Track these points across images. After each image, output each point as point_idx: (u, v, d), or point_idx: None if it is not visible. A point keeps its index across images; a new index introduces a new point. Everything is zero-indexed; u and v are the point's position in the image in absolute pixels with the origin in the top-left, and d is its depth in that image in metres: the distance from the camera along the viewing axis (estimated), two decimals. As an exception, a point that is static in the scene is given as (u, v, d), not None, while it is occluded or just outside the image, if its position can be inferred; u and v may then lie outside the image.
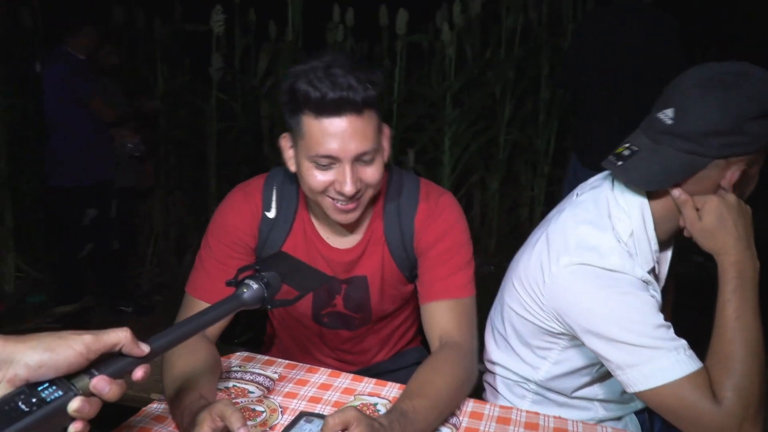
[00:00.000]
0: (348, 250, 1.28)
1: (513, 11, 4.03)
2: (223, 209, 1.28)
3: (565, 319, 1.11)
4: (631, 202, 1.12)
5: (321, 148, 1.08)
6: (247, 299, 0.88)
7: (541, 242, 1.17)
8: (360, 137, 1.08)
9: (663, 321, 1.04)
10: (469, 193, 4.40)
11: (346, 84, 1.05)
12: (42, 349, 0.67)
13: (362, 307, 1.33)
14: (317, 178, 1.12)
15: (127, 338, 0.72)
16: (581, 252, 1.08)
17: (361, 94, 1.06)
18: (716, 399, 0.97)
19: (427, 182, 1.32)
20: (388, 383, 1.18)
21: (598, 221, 1.12)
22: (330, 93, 1.04)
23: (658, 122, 1.07)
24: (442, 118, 3.98)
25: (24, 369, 0.65)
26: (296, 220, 1.27)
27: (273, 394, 1.12)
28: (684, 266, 4.11)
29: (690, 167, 1.05)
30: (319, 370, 1.21)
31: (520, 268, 1.21)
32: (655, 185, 1.08)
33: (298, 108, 1.09)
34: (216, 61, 3.66)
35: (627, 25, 2.77)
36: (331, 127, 1.07)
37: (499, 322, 1.30)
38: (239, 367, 1.22)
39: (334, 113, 1.06)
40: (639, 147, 1.09)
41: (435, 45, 4.12)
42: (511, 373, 1.29)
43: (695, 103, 1.03)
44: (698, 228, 1.06)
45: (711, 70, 1.06)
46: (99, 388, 0.69)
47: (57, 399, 0.66)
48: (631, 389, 1.03)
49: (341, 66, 1.06)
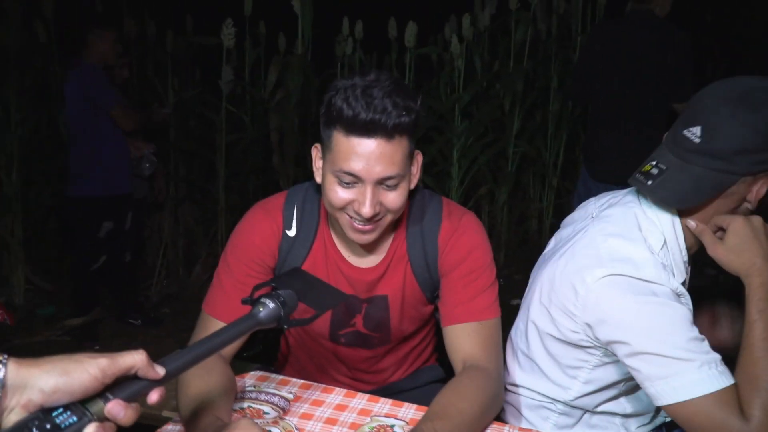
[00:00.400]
0: (370, 269, 1.27)
1: (522, 24, 4.04)
2: (242, 227, 1.27)
3: (598, 331, 1.10)
4: (661, 215, 1.13)
5: (346, 165, 1.08)
6: (264, 318, 0.87)
7: (566, 257, 1.17)
8: (386, 162, 1.07)
9: (697, 334, 1.03)
10: (478, 206, 4.39)
11: (381, 107, 1.04)
12: (57, 373, 0.65)
13: (382, 326, 1.32)
14: (338, 195, 1.12)
15: (143, 361, 0.71)
16: (615, 263, 1.08)
17: (394, 120, 1.05)
18: (744, 417, 0.96)
19: (449, 201, 1.32)
20: (404, 404, 1.17)
21: (628, 234, 1.12)
22: (363, 114, 1.04)
23: (685, 140, 1.08)
24: (451, 130, 3.99)
25: (38, 394, 0.64)
26: (317, 239, 1.26)
27: (288, 415, 1.12)
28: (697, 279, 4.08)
29: (720, 184, 1.06)
30: (335, 390, 1.21)
31: (546, 286, 1.20)
32: (686, 203, 1.09)
33: (331, 122, 1.09)
34: (226, 73, 3.68)
35: (638, 38, 2.77)
36: (359, 148, 1.07)
37: (524, 344, 1.29)
38: (254, 387, 1.21)
39: (364, 134, 1.06)
40: (667, 165, 1.10)
41: (444, 57, 4.13)
42: (536, 395, 1.28)
43: (724, 121, 1.03)
44: (722, 250, 1.07)
45: (737, 86, 1.06)
46: (114, 413, 0.67)
47: (72, 425, 0.64)
48: (659, 402, 1.03)
49: (381, 87, 1.06)
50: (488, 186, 4.27)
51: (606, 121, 2.91)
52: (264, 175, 4.09)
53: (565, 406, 1.25)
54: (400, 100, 1.06)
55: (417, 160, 1.19)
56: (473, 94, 3.99)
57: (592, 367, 1.19)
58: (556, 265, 1.19)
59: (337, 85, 1.10)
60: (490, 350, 1.19)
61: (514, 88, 4.09)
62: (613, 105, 2.85)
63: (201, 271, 3.96)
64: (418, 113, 1.09)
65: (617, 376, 1.19)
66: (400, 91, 1.07)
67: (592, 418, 1.26)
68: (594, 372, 1.19)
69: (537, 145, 4.31)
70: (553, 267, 1.19)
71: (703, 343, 1.03)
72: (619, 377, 1.19)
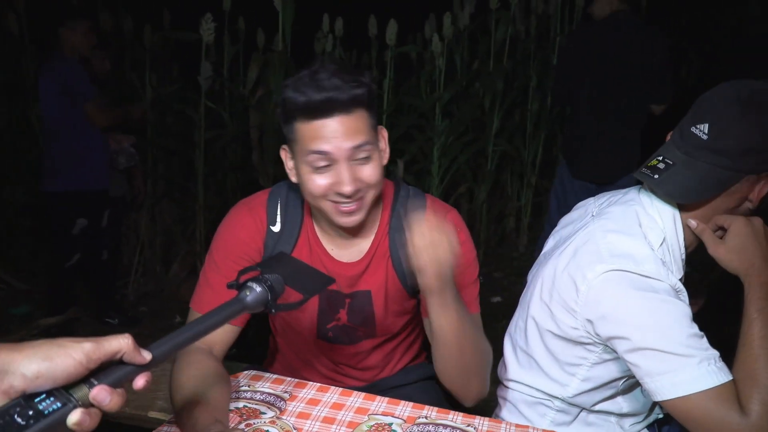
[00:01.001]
0: (352, 264, 1.28)
1: (502, 23, 4.07)
2: (227, 225, 1.27)
3: (598, 327, 1.12)
4: (663, 211, 1.16)
5: (314, 145, 1.09)
6: (250, 303, 0.86)
7: (567, 254, 1.19)
8: (352, 134, 1.09)
9: (696, 330, 1.06)
10: (457, 204, 4.41)
11: (331, 85, 1.07)
12: (39, 358, 0.63)
13: (366, 321, 1.33)
14: (316, 182, 1.13)
15: (129, 345, 0.69)
16: (616, 259, 1.10)
17: (348, 93, 1.07)
18: (743, 411, 0.99)
19: (434, 199, 1.33)
20: (401, 402, 1.17)
21: (628, 230, 1.14)
22: (316, 95, 1.07)
23: (692, 137, 1.11)
24: (431, 128, 4.00)
25: (20, 380, 0.62)
26: (301, 234, 1.27)
27: (285, 415, 1.11)
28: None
29: (725, 182, 1.09)
30: (330, 389, 1.21)
31: (547, 283, 1.22)
32: (690, 198, 1.12)
33: (290, 116, 1.11)
34: (205, 69, 3.63)
35: (616, 39, 2.83)
36: (323, 129, 1.09)
37: (523, 341, 1.30)
38: (248, 387, 1.21)
39: (323, 114, 1.08)
40: (673, 160, 1.12)
41: (424, 56, 4.14)
42: (534, 391, 1.29)
43: (733, 121, 1.07)
44: (723, 250, 1.10)
45: (745, 87, 1.10)
46: (99, 398, 0.65)
47: (55, 411, 0.62)
48: (658, 397, 1.04)
49: (326, 70, 1.09)
50: (468, 184, 4.30)
51: (585, 120, 2.96)
52: (243, 173, 4.05)
53: (563, 403, 1.26)
54: (348, 75, 1.09)
55: (383, 136, 1.20)
56: (453, 93, 4.01)
57: (591, 365, 1.20)
58: (557, 262, 1.20)
59: (286, 82, 1.12)
60: None
61: (494, 88, 4.11)
62: (592, 105, 2.91)
63: (179, 269, 3.91)
64: (369, 86, 1.12)
65: (615, 374, 1.21)
66: (346, 69, 1.10)
67: (588, 416, 1.28)
68: (593, 369, 1.21)
69: (516, 144, 4.35)
70: (554, 264, 1.21)
71: (702, 340, 1.05)
72: (618, 375, 1.21)
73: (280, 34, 3.67)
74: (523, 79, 4.24)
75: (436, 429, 1.10)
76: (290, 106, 1.10)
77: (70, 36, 3.04)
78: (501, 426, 1.11)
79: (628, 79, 2.84)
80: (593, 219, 1.24)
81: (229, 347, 1.25)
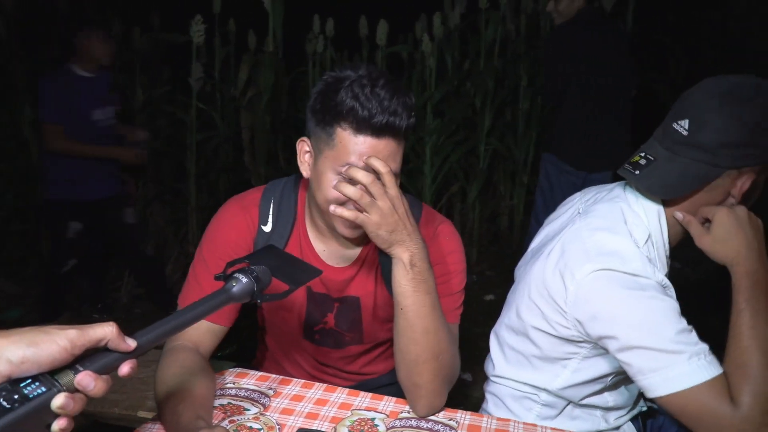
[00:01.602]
0: (342, 269, 1.27)
1: (492, 23, 4.08)
2: (217, 222, 1.27)
3: (588, 327, 1.12)
4: (647, 207, 1.16)
5: (354, 159, 1.06)
6: (236, 293, 0.85)
7: (555, 253, 1.18)
8: (392, 160, 1.08)
9: (685, 325, 1.06)
10: (449, 203, 4.42)
11: (392, 109, 1.04)
12: (25, 344, 0.64)
13: (354, 327, 1.32)
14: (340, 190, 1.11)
15: (113, 333, 0.70)
16: (603, 258, 1.09)
17: (405, 123, 1.06)
18: (734, 404, 0.99)
19: (429, 209, 1.32)
20: (384, 397, 1.17)
21: (614, 227, 1.14)
22: (378, 116, 1.03)
23: (674, 133, 1.11)
24: (423, 128, 4.00)
25: (6, 365, 0.63)
26: (292, 235, 1.26)
27: (269, 411, 1.11)
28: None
29: (705, 177, 1.09)
30: (314, 385, 1.21)
31: (536, 282, 1.21)
32: (672, 193, 1.13)
33: (333, 119, 1.07)
34: (196, 71, 3.64)
35: (593, 34, 3.01)
36: (368, 148, 1.05)
37: (512, 338, 1.30)
38: (233, 384, 1.21)
39: (375, 135, 1.05)
40: (655, 156, 1.13)
41: (415, 56, 4.15)
42: (521, 385, 1.29)
43: (711, 115, 1.07)
44: (708, 240, 1.10)
45: (726, 82, 1.10)
46: (84, 384, 0.67)
47: (40, 395, 0.64)
48: (651, 394, 1.05)
49: (386, 87, 1.05)
50: (460, 183, 4.30)
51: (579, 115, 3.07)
52: (235, 174, 4.05)
53: (550, 396, 1.27)
54: (408, 99, 1.07)
55: None
56: (444, 92, 4.02)
57: (581, 359, 1.21)
58: (545, 261, 1.20)
59: (333, 78, 1.08)
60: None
61: (485, 87, 4.12)
62: (584, 100, 3.04)
63: (171, 271, 3.90)
64: None
65: (605, 370, 1.21)
66: (401, 90, 1.07)
67: (574, 410, 1.28)
68: (583, 362, 1.21)
69: (507, 143, 4.35)
70: (543, 263, 1.20)
71: (691, 334, 1.05)
72: (607, 371, 1.21)
73: (270, 35, 3.67)
74: (514, 78, 4.25)
75: (418, 423, 1.10)
76: (343, 110, 1.05)
77: (87, 45, 2.91)
78: (483, 420, 1.12)
79: (612, 70, 3.00)
80: (580, 216, 1.23)
81: (215, 346, 1.24)
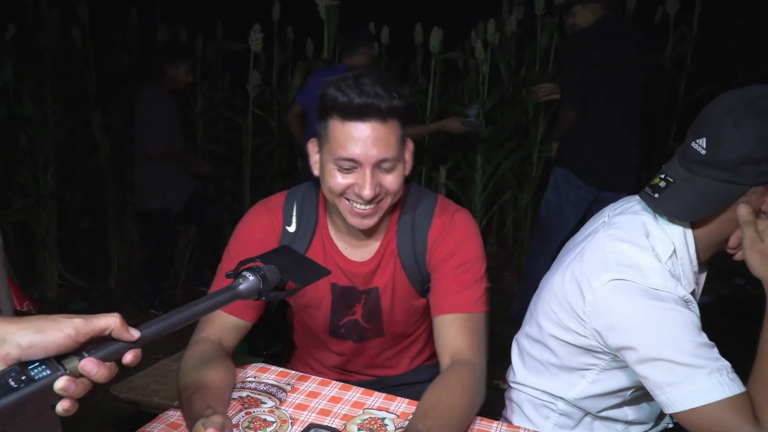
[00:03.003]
0: (364, 262, 1.31)
1: (547, 29, 4.02)
2: (244, 223, 1.33)
3: (607, 337, 1.09)
4: (673, 225, 1.12)
5: (344, 151, 1.12)
6: (243, 291, 0.89)
7: (575, 262, 1.16)
8: (382, 144, 1.12)
9: (706, 340, 1.02)
10: (502, 211, 4.38)
11: (373, 92, 1.10)
12: (33, 330, 0.69)
13: (374, 317, 1.35)
14: (338, 180, 1.16)
15: (117, 323, 0.74)
16: (622, 269, 1.07)
17: (387, 103, 1.10)
18: (758, 423, 0.95)
19: (444, 199, 1.34)
20: (397, 398, 1.19)
21: (635, 240, 1.11)
22: (357, 98, 1.09)
23: (692, 152, 1.06)
24: (475, 135, 3.99)
25: (15, 348, 0.68)
26: (316, 234, 1.31)
27: (284, 405, 1.15)
28: (724, 288, 3.97)
29: (728, 196, 1.04)
30: (331, 383, 1.23)
31: (555, 290, 1.19)
32: (692, 216, 1.08)
33: (326, 112, 1.14)
34: (253, 78, 3.77)
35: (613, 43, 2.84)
36: (356, 132, 1.11)
37: (530, 345, 1.29)
38: (254, 378, 1.25)
39: (359, 118, 1.11)
40: (674, 178, 1.09)
41: (469, 63, 4.14)
42: (540, 393, 1.28)
43: (728, 131, 1.01)
44: (758, 250, 1.03)
45: (743, 95, 1.04)
46: (87, 369, 0.71)
47: (44, 378, 0.68)
48: (670, 410, 1.01)
49: (370, 76, 1.12)
50: (512, 191, 4.25)
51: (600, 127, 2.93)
52: (289, 178, 4.16)
53: (567, 406, 1.25)
54: (390, 85, 1.11)
55: (409, 148, 1.23)
56: (497, 99, 3.99)
57: (599, 370, 1.18)
58: (565, 269, 1.18)
59: (327, 80, 1.15)
60: (476, 344, 1.20)
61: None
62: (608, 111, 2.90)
63: (227, 272, 4.03)
64: (407, 99, 1.14)
65: (624, 383, 1.18)
66: (389, 78, 1.13)
67: (593, 422, 1.26)
68: (602, 374, 1.19)
69: (562, 151, 4.27)
70: (563, 272, 1.19)
71: (712, 350, 1.01)
72: (627, 384, 1.18)
73: (325, 42, 3.76)
74: (570, 85, 4.16)
75: (427, 425, 1.11)
76: (329, 102, 1.12)
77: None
78: (492, 426, 1.11)
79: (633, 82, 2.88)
80: (604, 226, 1.21)
81: (238, 340, 1.29)
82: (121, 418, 1.85)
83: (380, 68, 1.19)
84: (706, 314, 1.08)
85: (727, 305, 3.25)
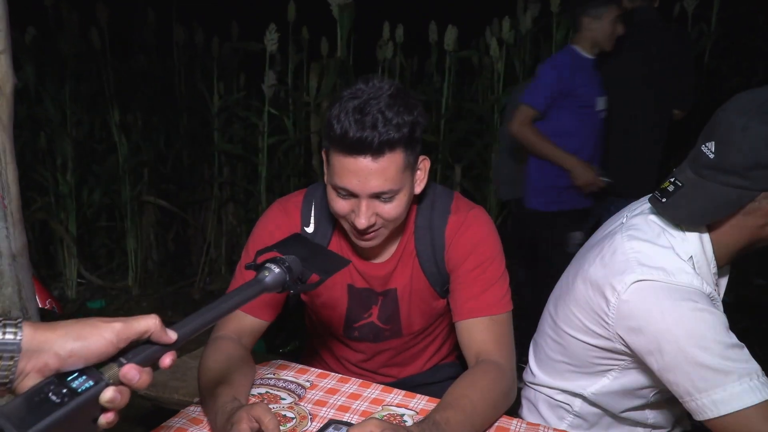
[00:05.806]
0: (382, 264, 1.30)
1: (562, 27, 3.99)
2: (263, 222, 1.33)
3: (632, 341, 1.07)
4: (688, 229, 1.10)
5: (340, 181, 1.11)
6: (269, 283, 0.86)
7: (596, 265, 1.14)
8: (378, 178, 1.09)
9: (736, 341, 1.00)
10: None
11: (370, 123, 1.05)
12: (72, 338, 0.64)
13: (392, 319, 1.35)
14: (338, 204, 1.16)
15: (156, 326, 0.70)
16: (645, 269, 1.05)
17: (382, 137, 1.05)
18: None
19: (460, 197, 1.34)
20: (417, 395, 1.19)
21: (656, 240, 1.10)
22: (350, 132, 1.05)
23: (702, 156, 1.05)
24: (490, 133, 3.97)
25: (54, 358, 0.63)
26: (334, 236, 1.31)
27: (303, 402, 1.16)
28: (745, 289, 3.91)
29: (737, 201, 1.03)
30: (350, 380, 1.24)
31: (575, 295, 1.18)
32: (700, 222, 1.07)
33: (326, 137, 1.12)
34: (269, 77, 3.78)
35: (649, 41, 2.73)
36: (350, 165, 1.08)
37: (550, 348, 1.28)
38: (273, 375, 1.26)
39: (353, 152, 1.07)
40: (683, 182, 1.07)
41: (484, 61, 4.13)
42: (557, 392, 1.27)
43: (737, 136, 1.00)
44: None
45: (755, 96, 1.03)
46: (129, 376, 0.67)
47: (89, 389, 0.63)
48: (701, 417, 0.99)
49: (378, 101, 1.06)
50: (528, 190, 4.22)
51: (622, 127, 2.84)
52: (305, 177, 4.17)
53: (585, 405, 1.24)
54: (392, 114, 1.06)
55: (424, 166, 1.20)
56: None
57: (621, 369, 1.17)
58: (586, 271, 1.16)
59: (339, 96, 1.11)
60: (503, 345, 1.19)
61: (554, 92, 4.03)
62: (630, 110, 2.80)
63: (243, 270, 4.06)
64: (412, 125, 1.09)
65: (645, 383, 1.16)
66: (396, 104, 1.07)
67: (609, 426, 1.25)
68: (624, 372, 1.17)
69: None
70: (584, 273, 1.17)
71: (742, 351, 0.99)
72: (647, 384, 1.16)
73: (338, 41, 3.76)
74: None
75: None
76: (329, 131, 1.09)
77: (592, 25, 2.58)
78: (512, 423, 1.11)
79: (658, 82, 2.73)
80: (621, 227, 1.19)
81: (257, 338, 1.30)
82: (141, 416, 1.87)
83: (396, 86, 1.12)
84: (727, 315, 1.06)
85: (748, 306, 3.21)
